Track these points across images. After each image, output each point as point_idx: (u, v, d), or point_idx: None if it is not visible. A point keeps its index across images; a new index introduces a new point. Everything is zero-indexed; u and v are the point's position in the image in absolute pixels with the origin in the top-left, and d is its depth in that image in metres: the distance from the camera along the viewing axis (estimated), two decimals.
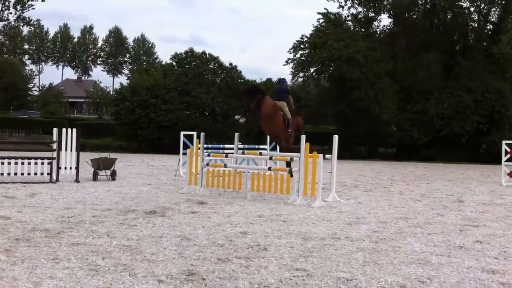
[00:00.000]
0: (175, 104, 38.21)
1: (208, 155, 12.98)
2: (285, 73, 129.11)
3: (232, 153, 13.70)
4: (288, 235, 7.47)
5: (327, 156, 11.69)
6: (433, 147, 36.63)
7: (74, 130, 14.67)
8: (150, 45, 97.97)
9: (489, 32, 40.36)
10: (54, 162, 14.30)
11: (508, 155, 16.95)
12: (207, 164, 12.62)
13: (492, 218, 9.58)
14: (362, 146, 39.79)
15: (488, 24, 40.55)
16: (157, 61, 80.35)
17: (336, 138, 11.59)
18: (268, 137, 19.45)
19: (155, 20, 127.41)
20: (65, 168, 14.49)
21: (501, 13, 39.05)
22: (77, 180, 14.26)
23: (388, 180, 18.17)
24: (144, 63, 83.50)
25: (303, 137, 11.11)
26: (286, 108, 13.40)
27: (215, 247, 6.56)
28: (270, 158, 11.97)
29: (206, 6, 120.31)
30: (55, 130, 14.70)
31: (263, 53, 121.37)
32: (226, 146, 18.80)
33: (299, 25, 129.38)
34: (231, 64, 43.84)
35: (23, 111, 59.60)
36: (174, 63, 43.49)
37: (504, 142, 17.50)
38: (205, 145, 13.75)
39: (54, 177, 14.18)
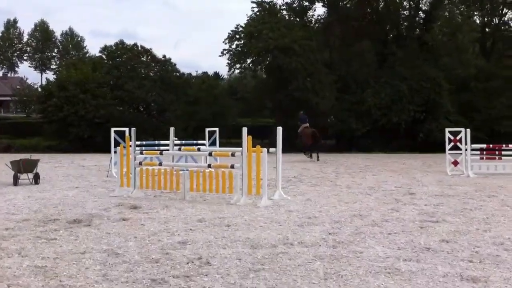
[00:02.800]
0: (107, 99, 36.29)
1: (141, 153, 11.82)
2: (221, 66, 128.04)
3: (168, 150, 12.57)
4: (234, 243, 6.53)
5: (271, 150, 10.82)
6: (372, 137, 36.70)
7: None
8: (79, 39, 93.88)
9: (421, 21, 40.86)
10: None
11: (452, 144, 16.74)
12: (140, 163, 11.48)
13: (449, 211, 9.01)
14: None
15: (420, 12, 41.03)
16: (87, 55, 77.14)
17: (280, 130, 10.71)
18: (207, 132, 18.49)
19: (84, 13, 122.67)
20: None
21: (433, 1, 39.58)
22: None
23: (333, 172, 17.58)
24: (74, 58, 79.99)
25: (245, 130, 10.17)
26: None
27: (148, 264, 5.53)
28: (210, 154, 10.94)
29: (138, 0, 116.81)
30: None
31: (199, 47, 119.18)
32: (162, 142, 17.64)
33: (235, 17, 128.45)
34: (164, 56, 42.25)
35: None
36: (104, 56, 41.38)
37: (447, 130, 17.27)
38: (138, 142, 12.59)
39: None
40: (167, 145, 16.60)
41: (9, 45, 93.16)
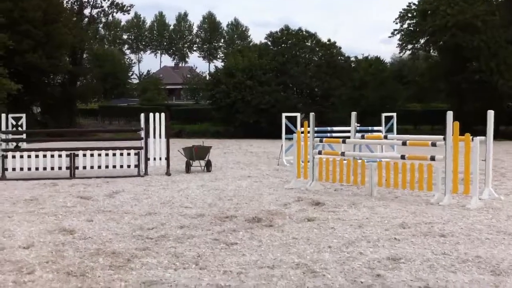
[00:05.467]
0: (272, 86, 35.97)
1: (321, 141, 10.50)
2: (383, 50, 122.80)
3: (349, 137, 11.10)
4: (465, 265, 4.87)
5: (480, 138, 8.76)
6: None
7: (163, 115, 12.79)
8: (243, 28, 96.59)
9: None
10: (142, 152, 12.54)
11: None
12: (319, 152, 10.17)
13: None
14: (480, 125, 35.42)
15: None
16: (251, 44, 78.75)
17: (450, 114, 8.26)
18: (383, 117, 16.68)
19: (245, 4, 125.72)
20: (154, 159, 12.69)
21: None
22: (167, 173, 12.41)
23: None
24: (239, 47, 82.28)
25: (450, 114, 8.26)
26: None
27: None
28: (404, 144, 9.22)
29: None
30: (142, 115, 12.91)
31: (358, 30, 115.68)
32: (335, 128, 16.24)
33: (391, 1, 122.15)
34: (329, 40, 40.80)
35: (123, 99, 60.35)
36: (269, 43, 41.19)
37: None
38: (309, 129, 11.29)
39: (143, 169, 12.44)
40: (344, 131, 15.20)
41: (180, 37, 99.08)
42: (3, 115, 15.25)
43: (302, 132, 10.39)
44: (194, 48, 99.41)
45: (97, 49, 54.29)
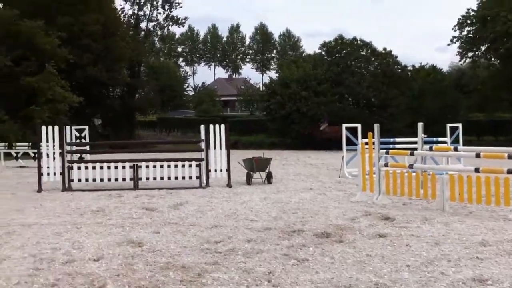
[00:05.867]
0: (328, 97, 35.62)
1: (387, 153, 10.15)
2: (439, 58, 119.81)
3: (415, 149, 10.68)
4: None
5: None
6: None
7: (223, 126, 12.77)
8: (295, 39, 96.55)
9: None
10: (203, 163, 12.54)
11: None
12: (386, 165, 9.83)
13: None
14: None
15: None
16: (303, 55, 78.62)
17: None
18: (448, 128, 16.10)
19: (296, 15, 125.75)
20: (215, 170, 12.66)
21: None
22: (229, 185, 12.35)
23: None
24: (291, 57, 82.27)
25: None
26: None
27: None
28: (477, 156, 8.75)
29: None
30: (202, 127, 12.94)
31: (411, 39, 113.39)
32: (397, 140, 15.79)
33: (445, 8, 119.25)
34: (385, 49, 40.07)
35: (179, 111, 61.39)
36: (323, 53, 40.89)
37: None
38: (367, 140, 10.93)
39: (204, 181, 12.43)
40: (404, 142, 14.79)
41: (233, 49, 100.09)
42: (67, 127, 15.66)
43: (366, 144, 10.09)
44: (247, 60, 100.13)
45: (153, 62, 55.59)
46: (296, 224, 7.54)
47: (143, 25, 48.13)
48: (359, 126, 14.90)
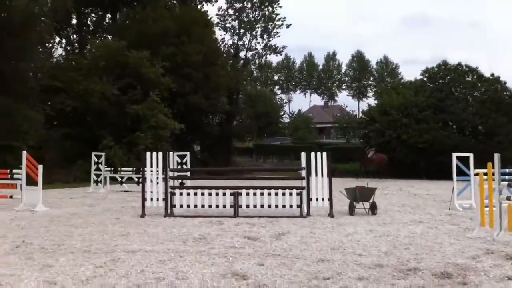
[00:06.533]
0: (430, 124, 34.09)
1: (509, 185, 9.24)
2: None
3: None
4: None
5: None
6: None
7: (324, 154, 12.35)
8: (393, 66, 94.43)
9: None
10: (304, 192, 12.16)
11: None
12: (508, 198, 8.92)
13: None
14: None
15: None
16: (402, 81, 76.53)
17: None
18: None
19: (394, 43, 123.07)
20: (316, 199, 12.23)
21: None
22: (330, 214, 11.87)
23: None
24: (389, 84, 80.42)
25: None
26: None
27: None
28: None
29: (444, 24, 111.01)
30: (303, 154, 12.61)
31: None
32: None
33: None
34: (493, 75, 37.84)
35: (275, 138, 61.71)
36: (425, 79, 39.37)
37: None
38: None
39: (305, 210, 12.04)
40: None
41: (329, 76, 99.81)
42: (170, 153, 15.97)
43: (485, 174, 9.25)
44: (343, 87, 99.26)
45: (250, 90, 56.50)
46: (411, 261, 6.92)
47: (242, 54, 49.18)
48: (471, 155, 13.88)
